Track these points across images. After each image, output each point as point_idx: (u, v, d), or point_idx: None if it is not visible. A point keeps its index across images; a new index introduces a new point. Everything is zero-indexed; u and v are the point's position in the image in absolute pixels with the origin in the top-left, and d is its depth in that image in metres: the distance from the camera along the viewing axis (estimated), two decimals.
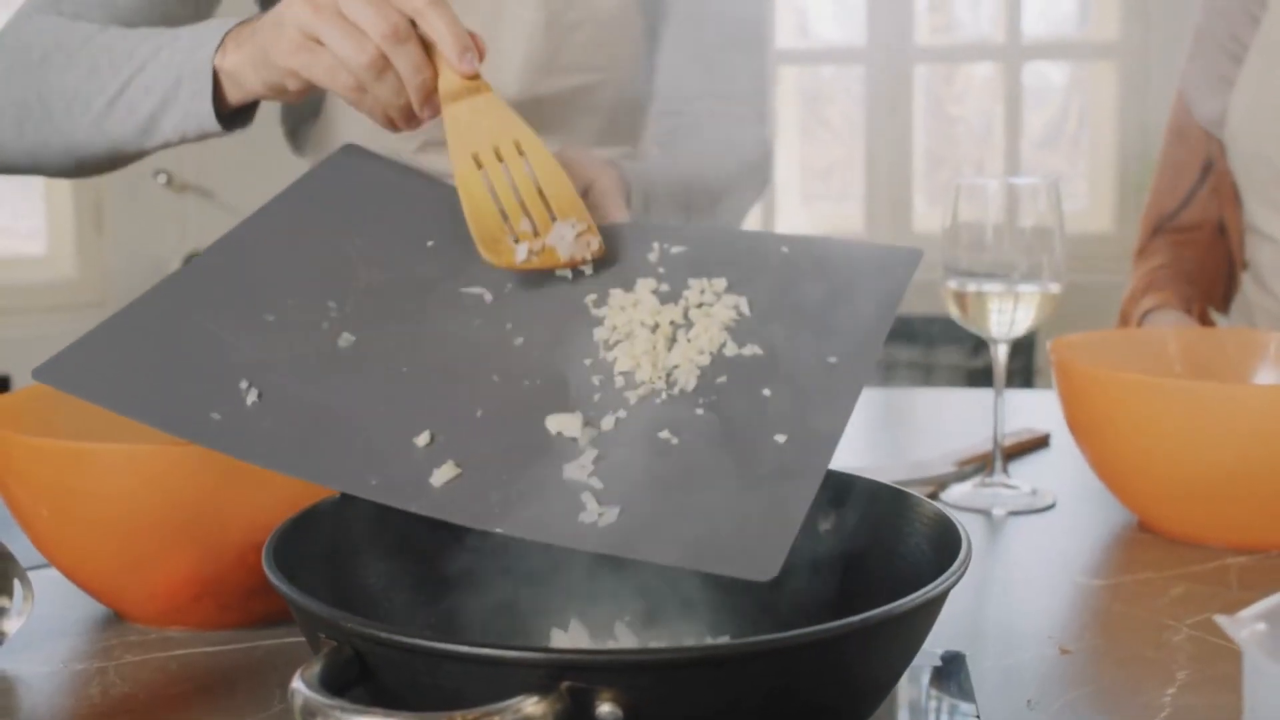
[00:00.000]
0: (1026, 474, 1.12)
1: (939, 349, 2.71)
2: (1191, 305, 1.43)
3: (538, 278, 0.77)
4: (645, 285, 0.74)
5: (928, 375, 2.75)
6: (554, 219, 0.78)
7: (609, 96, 1.25)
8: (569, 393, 0.68)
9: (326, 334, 0.72)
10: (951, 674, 0.72)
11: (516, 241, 0.76)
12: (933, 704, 0.69)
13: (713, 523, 0.59)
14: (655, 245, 0.78)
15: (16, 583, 0.75)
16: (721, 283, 0.74)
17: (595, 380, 0.69)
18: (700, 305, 0.73)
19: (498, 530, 0.60)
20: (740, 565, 0.57)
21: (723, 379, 0.68)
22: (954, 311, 1.05)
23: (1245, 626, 0.44)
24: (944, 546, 0.61)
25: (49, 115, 1.02)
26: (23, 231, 2.90)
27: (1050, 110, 3.31)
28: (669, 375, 0.68)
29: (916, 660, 0.73)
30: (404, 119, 0.85)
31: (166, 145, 0.99)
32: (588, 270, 0.76)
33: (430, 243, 0.79)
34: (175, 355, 0.70)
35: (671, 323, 0.71)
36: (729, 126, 1.22)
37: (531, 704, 0.47)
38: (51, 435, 0.76)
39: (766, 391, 0.66)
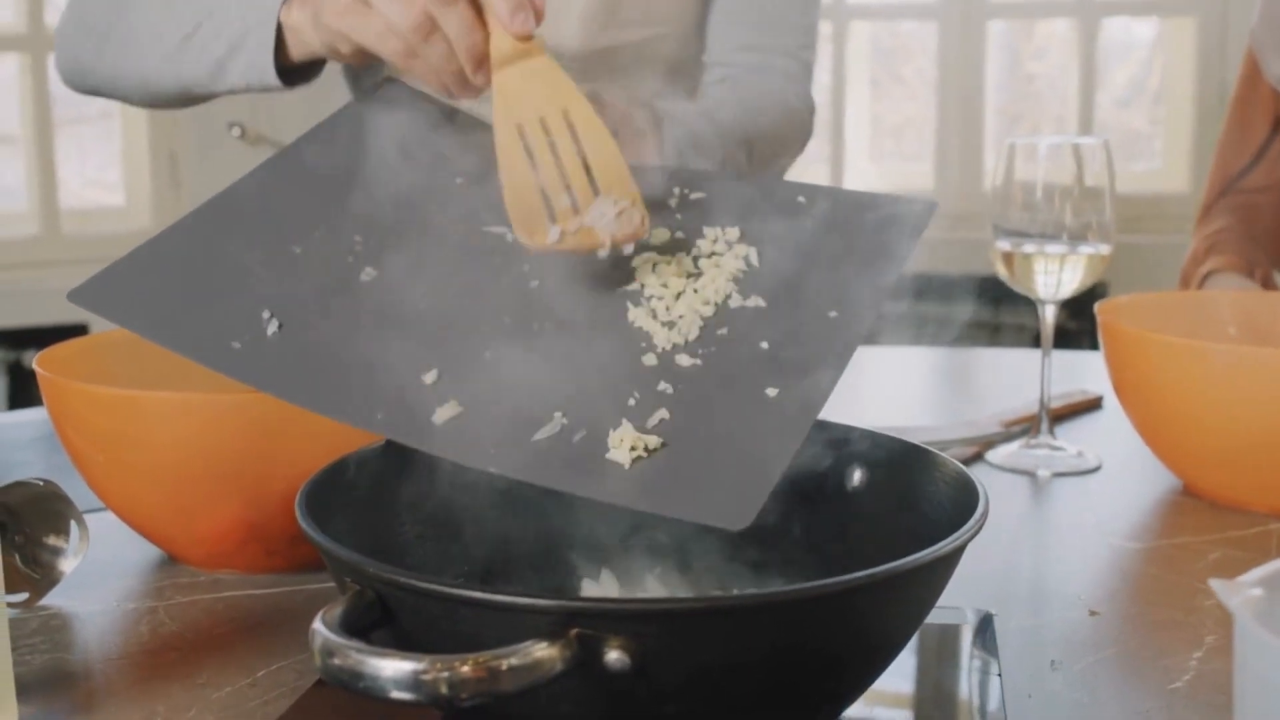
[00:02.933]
0: (1075, 436, 1.12)
1: (1004, 309, 2.69)
2: (1254, 269, 1.41)
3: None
4: (660, 235, 0.75)
5: (994, 335, 2.73)
6: (597, 194, 0.72)
7: (668, 50, 1.25)
8: (575, 339, 0.69)
9: (350, 268, 0.73)
10: (977, 633, 0.73)
11: (554, 221, 0.72)
12: (956, 662, 0.70)
13: (694, 472, 0.60)
14: (676, 190, 0.78)
15: (73, 524, 0.78)
16: (735, 232, 0.74)
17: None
18: (711, 255, 0.73)
19: (491, 469, 0.62)
20: (714, 514, 0.58)
21: (724, 330, 0.68)
22: (1002, 272, 1.05)
23: (1240, 592, 0.44)
24: (964, 505, 0.61)
25: (125, 45, 1.02)
26: (105, 183, 2.96)
27: (1129, 68, 3.25)
28: (673, 325, 0.69)
29: (944, 617, 0.74)
30: (458, 85, 0.80)
31: (234, 92, 0.98)
32: (627, 250, 0.71)
33: (459, 180, 0.80)
34: (203, 283, 0.72)
35: (685, 274, 0.72)
36: (775, 80, 1.21)
37: (541, 649, 0.48)
38: (107, 383, 0.79)
39: (764, 344, 0.67)
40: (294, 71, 0.94)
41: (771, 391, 0.64)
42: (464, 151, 0.82)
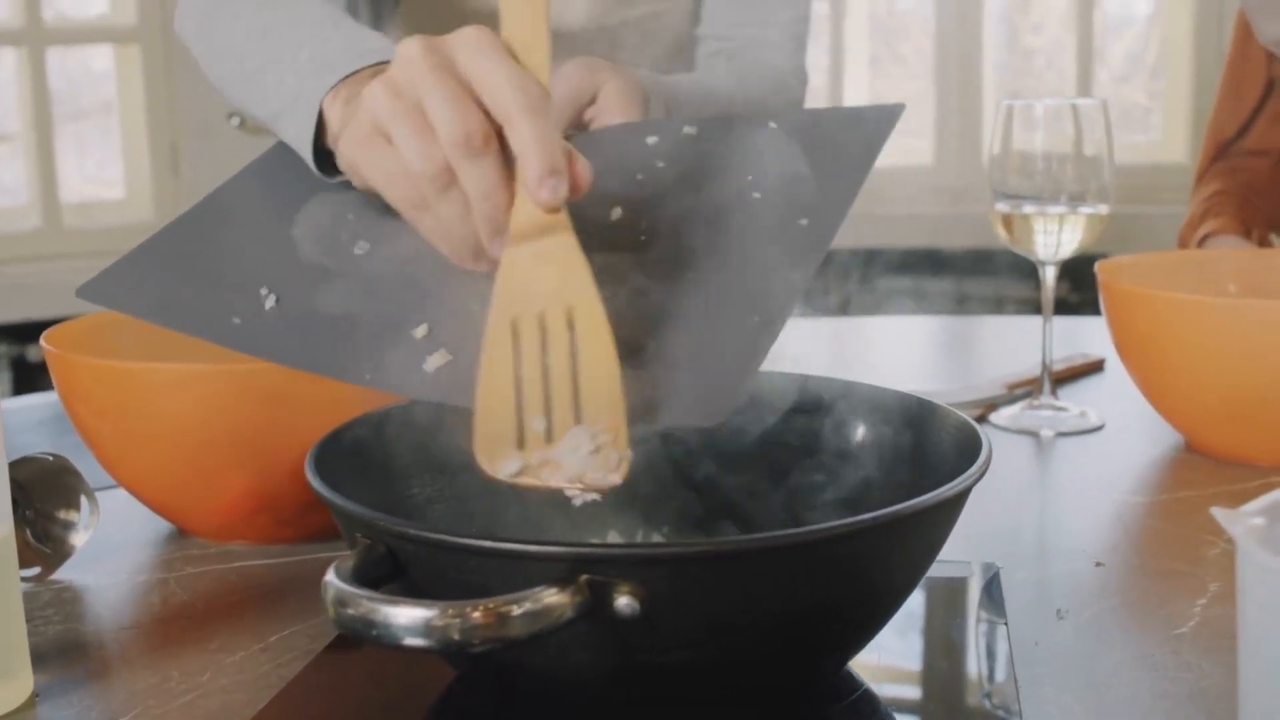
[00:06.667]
0: (1078, 397, 1.12)
1: (1006, 282, 2.69)
2: (1250, 230, 1.42)
3: None
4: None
5: (997, 308, 2.74)
6: (579, 422, 0.61)
7: (671, 26, 1.26)
8: None
9: (344, 243, 0.75)
10: (984, 586, 0.73)
11: (520, 446, 0.62)
12: (961, 612, 0.71)
13: (669, 380, 0.61)
14: (650, 140, 0.79)
15: (83, 498, 0.79)
16: None
17: None
18: None
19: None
20: (688, 414, 0.59)
21: (696, 245, 0.70)
22: (1001, 234, 1.05)
23: (1242, 521, 0.45)
24: (967, 455, 0.62)
25: (211, 48, 0.97)
26: (105, 177, 2.97)
27: (1126, 43, 3.25)
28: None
29: (950, 570, 0.74)
30: (468, 254, 0.68)
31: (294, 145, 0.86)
32: (591, 497, 0.62)
33: None
34: (204, 268, 0.73)
35: None
36: (768, 54, 1.22)
37: (551, 595, 0.49)
38: (114, 358, 0.79)
39: (738, 254, 0.68)
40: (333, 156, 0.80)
41: (745, 295, 0.65)
42: None
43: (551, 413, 0.61)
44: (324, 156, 0.80)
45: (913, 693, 0.63)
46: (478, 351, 0.66)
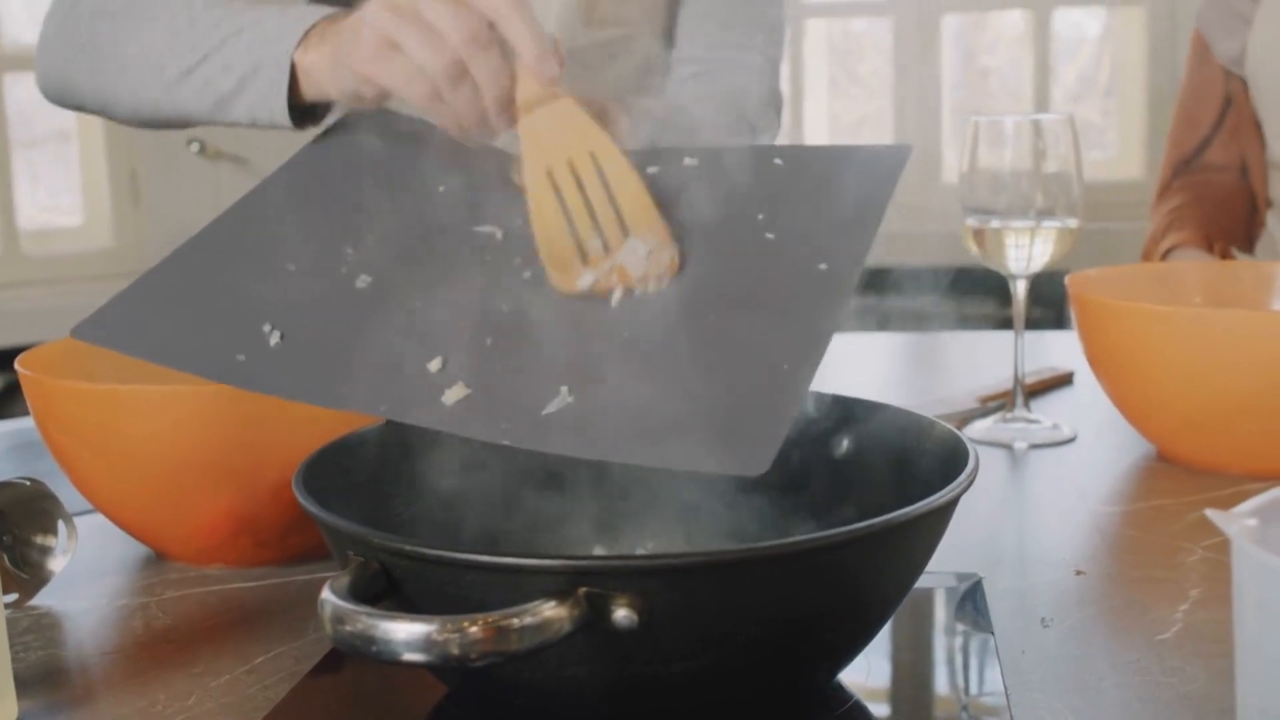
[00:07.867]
0: (1049, 410, 1.13)
1: (968, 299, 2.71)
2: (1213, 244, 1.44)
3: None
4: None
5: (959, 325, 2.76)
6: (627, 235, 0.73)
7: (639, 49, 1.26)
8: (572, 318, 0.70)
9: (344, 277, 0.74)
10: (967, 595, 0.74)
11: (586, 264, 0.73)
12: (947, 622, 0.71)
13: (704, 424, 0.61)
14: (652, 169, 0.80)
15: (61, 523, 0.78)
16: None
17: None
18: None
19: (505, 442, 0.62)
20: (728, 463, 0.58)
21: (720, 292, 0.70)
22: (973, 249, 1.06)
23: (1237, 521, 0.45)
24: (953, 464, 0.62)
25: (123, 69, 1.00)
26: (62, 205, 2.94)
27: (1082, 60, 3.29)
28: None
29: (934, 581, 0.75)
30: (479, 127, 0.80)
31: (238, 125, 0.97)
32: (661, 287, 0.72)
33: (441, 188, 0.81)
34: (202, 306, 0.73)
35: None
36: (744, 76, 1.23)
37: (550, 608, 0.49)
38: (90, 381, 0.78)
39: (761, 300, 0.68)
40: (302, 111, 0.92)
41: (775, 341, 0.65)
42: (442, 160, 0.83)
43: (603, 232, 0.73)
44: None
45: (903, 703, 0.64)
46: (497, 385, 0.66)
